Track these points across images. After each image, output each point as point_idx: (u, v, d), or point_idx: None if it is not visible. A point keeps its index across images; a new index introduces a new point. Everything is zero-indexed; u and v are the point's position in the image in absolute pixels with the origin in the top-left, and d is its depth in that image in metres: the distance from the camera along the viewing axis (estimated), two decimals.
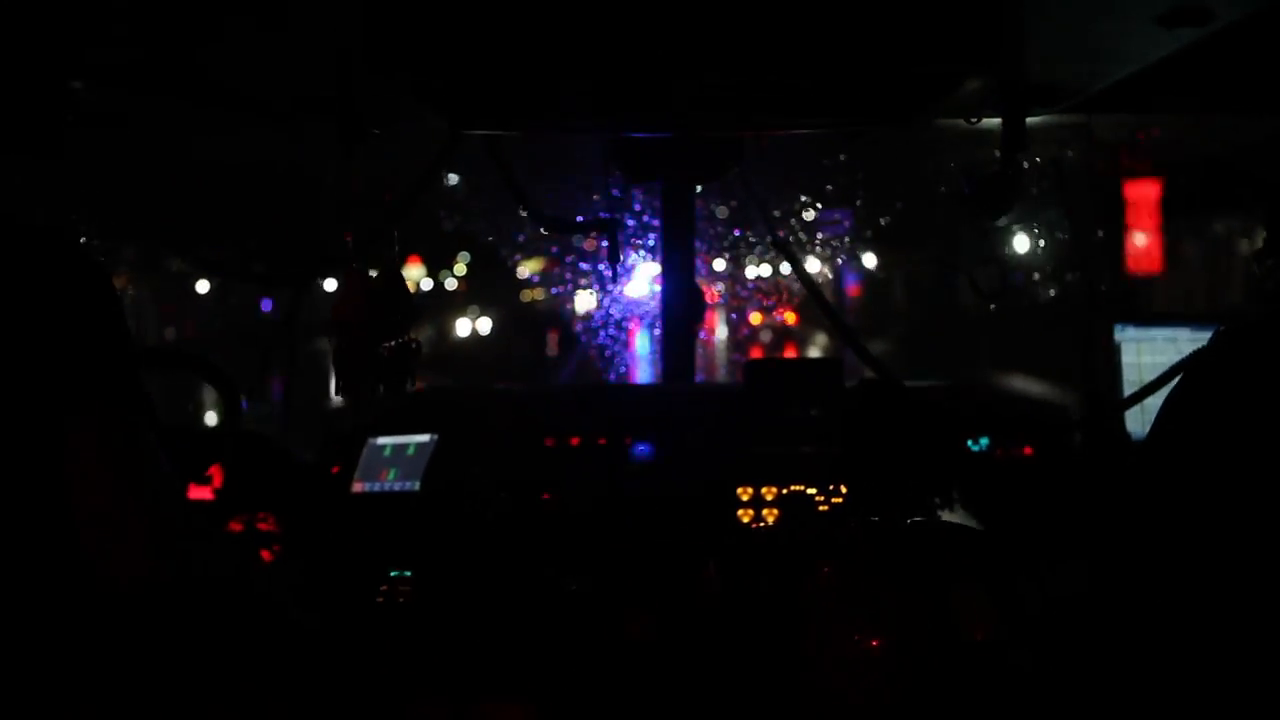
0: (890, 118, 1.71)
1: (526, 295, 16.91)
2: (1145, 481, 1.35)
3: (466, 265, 17.24)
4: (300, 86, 1.60)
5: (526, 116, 1.78)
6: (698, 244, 2.41)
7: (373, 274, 1.83)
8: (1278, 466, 1.19)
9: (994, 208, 1.60)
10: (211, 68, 1.49)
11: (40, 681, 1.22)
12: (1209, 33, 1.29)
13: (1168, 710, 1.23)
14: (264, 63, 1.46)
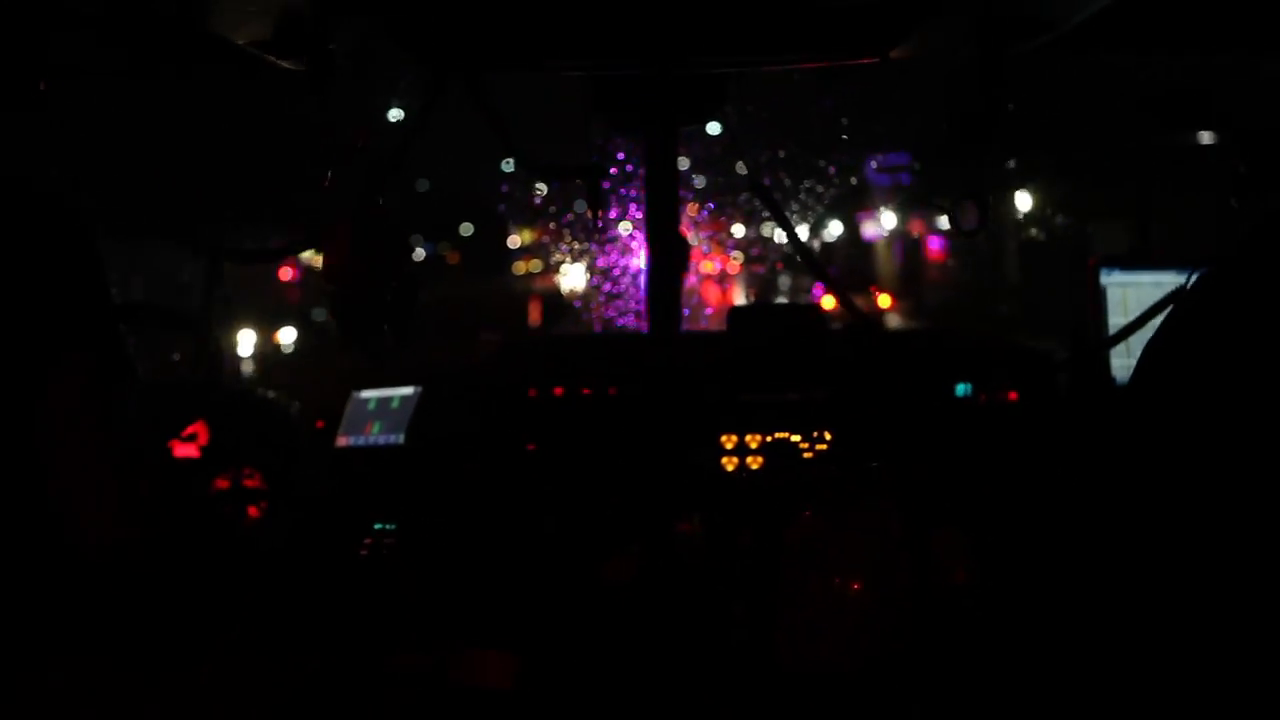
0: (867, 52, 1.69)
1: (520, 267, 16.77)
2: (1128, 421, 1.34)
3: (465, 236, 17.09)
4: (271, 26, 1.58)
5: (505, 55, 1.76)
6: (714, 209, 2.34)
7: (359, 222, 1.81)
8: (1261, 401, 1.18)
9: (972, 144, 1.59)
10: (180, 7, 1.47)
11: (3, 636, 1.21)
12: None
13: (1152, 654, 1.23)
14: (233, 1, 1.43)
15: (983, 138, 1.59)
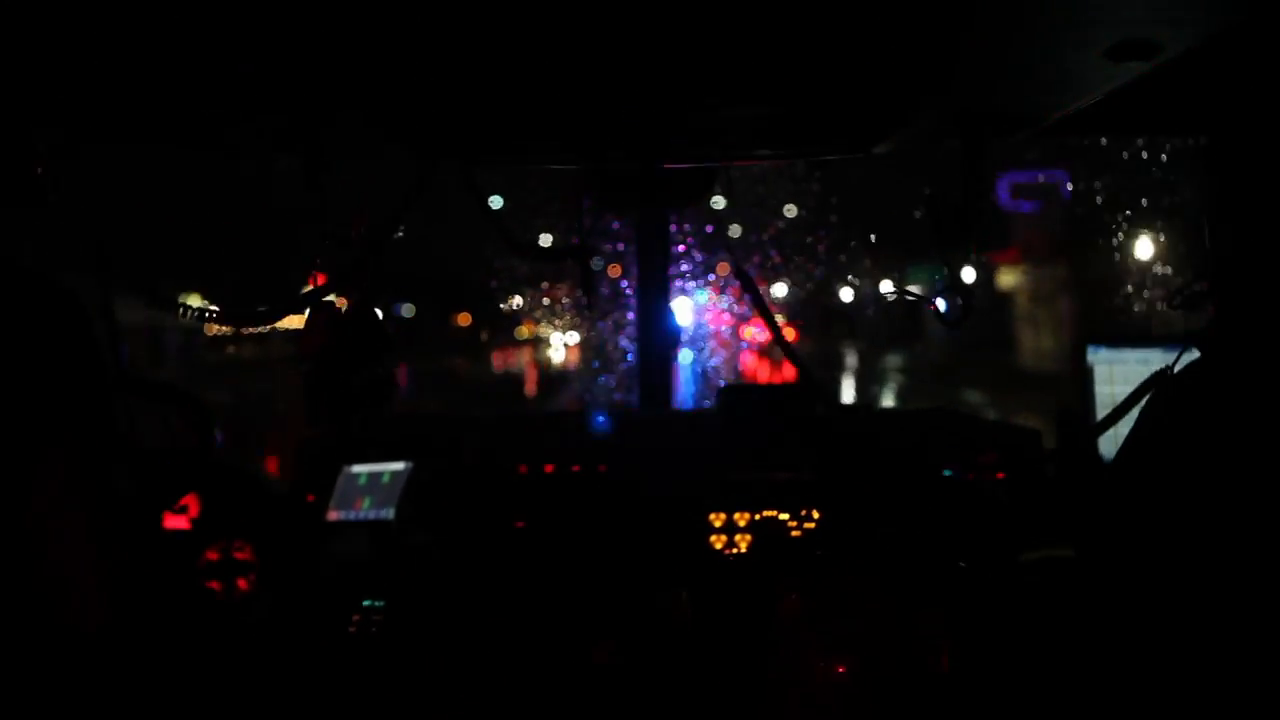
0: (853, 146, 1.73)
1: (523, 332, 16.77)
2: (1114, 499, 1.35)
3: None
4: (265, 120, 1.61)
5: (495, 150, 1.79)
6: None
7: (341, 306, 1.83)
8: (1243, 479, 1.20)
9: (955, 233, 1.61)
10: (175, 103, 1.50)
11: None
12: (1157, 65, 1.31)
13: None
14: (227, 97, 1.46)
15: (965, 228, 1.62)
